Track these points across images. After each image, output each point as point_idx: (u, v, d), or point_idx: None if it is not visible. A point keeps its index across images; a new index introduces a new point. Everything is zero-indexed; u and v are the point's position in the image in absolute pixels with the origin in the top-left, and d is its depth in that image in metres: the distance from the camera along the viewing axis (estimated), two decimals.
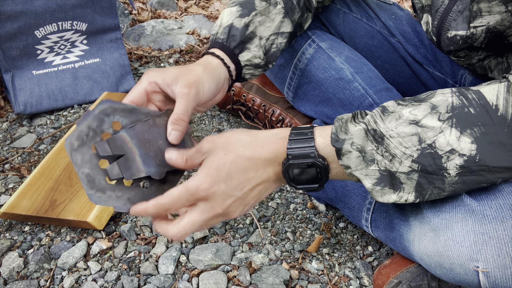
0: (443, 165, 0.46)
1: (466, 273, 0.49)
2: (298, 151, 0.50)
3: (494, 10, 0.60)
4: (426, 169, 0.47)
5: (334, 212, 0.85)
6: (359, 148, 0.48)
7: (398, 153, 0.47)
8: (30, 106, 1.06)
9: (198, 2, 1.83)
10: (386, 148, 0.47)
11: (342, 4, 0.88)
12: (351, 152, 0.48)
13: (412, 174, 0.47)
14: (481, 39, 0.64)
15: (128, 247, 0.76)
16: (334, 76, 0.79)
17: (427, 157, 0.46)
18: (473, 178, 0.47)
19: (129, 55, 1.34)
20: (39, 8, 1.02)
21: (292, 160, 0.50)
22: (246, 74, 0.70)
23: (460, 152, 0.46)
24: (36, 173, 0.84)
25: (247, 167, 0.51)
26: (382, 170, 0.48)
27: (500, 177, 0.47)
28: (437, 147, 0.46)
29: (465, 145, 0.45)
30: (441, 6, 0.68)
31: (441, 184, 0.48)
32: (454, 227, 0.50)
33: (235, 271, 0.72)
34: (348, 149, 0.48)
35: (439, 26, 0.69)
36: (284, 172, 0.51)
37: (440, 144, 0.46)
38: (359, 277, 0.74)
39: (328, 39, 0.83)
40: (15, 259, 0.73)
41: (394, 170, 0.48)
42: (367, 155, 0.48)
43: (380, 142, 0.47)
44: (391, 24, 0.87)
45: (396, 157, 0.47)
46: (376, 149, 0.48)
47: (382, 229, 0.66)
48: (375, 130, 0.48)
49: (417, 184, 0.48)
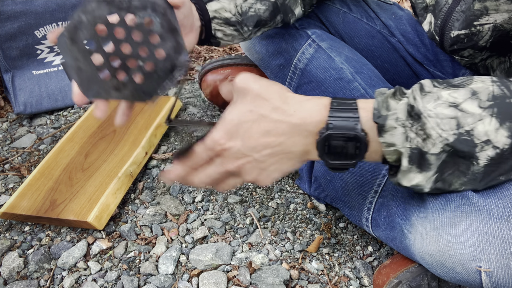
0: (476, 154, 0.45)
1: (468, 272, 0.49)
2: (340, 122, 0.46)
3: (501, 9, 0.60)
4: (457, 154, 0.45)
5: (334, 212, 0.85)
6: (404, 124, 0.45)
7: (434, 134, 0.45)
8: (30, 106, 1.06)
9: None
10: (421, 126, 0.45)
11: (342, 4, 0.88)
12: (396, 128, 0.45)
13: (442, 154, 0.46)
14: (487, 37, 0.64)
15: (128, 247, 0.76)
16: (334, 76, 0.79)
17: (462, 143, 0.45)
18: (495, 170, 0.46)
19: None
20: (39, 8, 1.02)
21: (333, 130, 0.46)
22: (217, 32, 0.66)
23: (494, 144, 0.44)
24: (36, 173, 0.84)
25: (270, 130, 0.47)
26: (413, 148, 0.46)
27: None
28: (474, 135, 0.44)
29: (501, 138, 0.44)
30: (444, 6, 0.68)
31: (465, 169, 0.46)
32: (458, 226, 0.50)
33: (235, 271, 0.72)
34: (392, 125, 0.45)
35: (442, 26, 0.69)
36: (321, 142, 0.47)
37: (478, 132, 0.44)
38: (359, 277, 0.74)
39: (328, 39, 0.83)
40: (15, 259, 0.73)
41: (425, 150, 0.45)
42: (406, 132, 0.46)
43: (416, 119, 0.45)
44: (391, 24, 0.87)
45: (431, 138, 0.45)
46: (410, 126, 0.45)
47: (383, 228, 0.66)
48: (412, 106, 0.45)
49: (442, 162, 0.46)
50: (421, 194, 0.58)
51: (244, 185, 0.89)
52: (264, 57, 0.89)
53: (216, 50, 1.43)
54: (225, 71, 1.03)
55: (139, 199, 0.85)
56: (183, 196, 0.86)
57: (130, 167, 0.85)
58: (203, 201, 0.85)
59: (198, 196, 0.86)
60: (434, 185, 0.49)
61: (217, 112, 1.11)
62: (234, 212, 0.84)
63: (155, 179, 0.89)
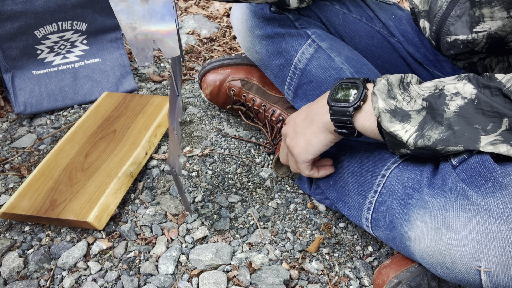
0: (446, 102, 0.54)
1: (467, 272, 0.49)
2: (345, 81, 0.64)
3: (496, 16, 0.60)
4: (432, 105, 0.54)
5: (334, 212, 0.85)
6: (389, 82, 0.58)
7: (415, 94, 0.56)
8: (30, 106, 1.06)
9: (198, 2, 1.83)
10: (408, 93, 0.57)
11: (341, 5, 0.88)
12: (381, 80, 0.58)
13: (422, 111, 0.55)
14: (482, 44, 0.64)
15: (128, 247, 0.76)
16: (334, 76, 0.79)
17: (434, 97, 0.55)
18: (466, 117, 0.53)
19: (129, 55, 1.34)
20: (39, 8, 1.02)
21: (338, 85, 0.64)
22: None
23: (462, 95, 0.53)
24: (36, 173, 0.84)
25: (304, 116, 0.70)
26: (398, 108, 0.56)
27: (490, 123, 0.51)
28: (445, 89, 0.55)
29: (468, 89, 0.53)
30: (438, 11, 0.68)
31: (440, 118, 0.54)
32: (458, 226, 0.50)
33: (235, 271, 0.72)
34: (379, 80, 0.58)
35: (437, 31, 0.69)
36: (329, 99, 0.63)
37: (448, 87, 0.55)
38: (359, 277, 0.74)
39: (328, 39, 0.83)
40: (15, 259, 0.73)
41: (408, 109, 0.56)
42: (392, 92, 0.57)
43: (406, 88, 0.57)
44: (391, 24, 0.87)
45: (413, 98, 0.56)
46: (400, 93, 0.57)
47: (383, 228, 0.66)
48: (407, 83, 0.58)
49: (423, 119, 0.55)
50: (421, 193, 0.58)
51: (244, 185, 0.89)
52: (264, 57, 0.89)
53: (216, 50, 1.44)
54: (225, 71, 1.03)
55: (139, 199, 0.85)
56: None
57: (130, 167, 0.85)
58: (203, 201, 0.85)
59: (198, 196, 0.86)
60: (415, 141, 0.56)
61: (217, 112, 1.11)
62: (234, 212, 0.84)
63: (155, 179, 0.90)
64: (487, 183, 0.50)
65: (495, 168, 0.51)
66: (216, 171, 0.93)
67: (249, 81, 1.01)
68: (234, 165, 0.94)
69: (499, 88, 0.51)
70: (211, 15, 1.71)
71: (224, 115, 1.10)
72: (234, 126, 1.07)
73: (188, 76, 1.27)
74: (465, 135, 0.52)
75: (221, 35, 1.53)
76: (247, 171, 0.93)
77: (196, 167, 0.93)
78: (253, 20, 0.87)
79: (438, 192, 0.55)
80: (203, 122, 1.07)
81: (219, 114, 1.10)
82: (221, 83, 1.03)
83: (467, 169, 0.54)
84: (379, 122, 0.58)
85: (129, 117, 0.98)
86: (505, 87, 0.51)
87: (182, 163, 0.93)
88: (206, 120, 1.08)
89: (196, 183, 0.89)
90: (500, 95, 0.51)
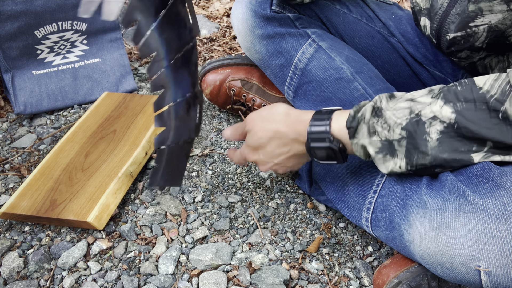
0: (426, 130, 0.53)
1: (467, 272, 0.49)
2: (316, 135, 0.60)
3: (495, 9, 0.60)
4: (412, 134, 0.53)
5: (334, 212, 0.85)
6: (369, 122, 0.56)
7: (392, 122, 0.55)
8: (30, 106, 1.06)
9: (198, 2, 1.83)
10: (384, 120, 0.55)
11: (341, 5, 0.88)
12: (363, 126, 0.56)
13: (402, 141, 0.54)
14: (482, 38, 0.64)
15: (128, 247, 0.76)
16: (334, 76, 0.79)
17: (413, 124, 0.53)
18: (451, 143, 0.52)
19: (129, 55, 1.34)
20: (39, 8, 1.02)
21: (312, 143, 0.60)
22: None
23: (441, 119, 0.52)
24: (36, 173, 0.84)
25: (280, 143, 0.65)
26: (383, 140, 0.55)
27: (474, 145, 0.52)
28: (422, 115, 0.53)
29: (446, 113, 0.51)
30: (439, 9, 0.68)
31: (424, 148, 0.53)
32: (457, 226, 0.50)
33: (235, 271, 0.72)
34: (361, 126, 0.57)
35: (438, 29, 0.69)
36: (308, 152, 0.62)
37: (425, 112, 0.53)
38: (359, 277, 0.74)
39: (328, 39, 0.83)
40: (15, 259, 0.73)
41: (391, 139, 0.55)
42: (370, 127, 0.56)
43: (380, 115, 0.55)
44: (391, 24, 0.87)
45: (391, 126, 0.55)
46: (376, 121, 0.55)
47: (382, 228, 0.66)
48: (378, 107, 0.56)
49: (406, 150, 0.55)
50: (419, 193, 0.58)
51: (244, 185, 0.89)
52: (264, 57, 0.89)
53: (216, 50, 1.43)
54: (225, 71, 1.03)
55: (139, 199, 0.85)
56: (183, 196, 0.86)
57: (130, 167, 0.85)
58: (203, 201, 0.85)
59: (198, 196, 0.86)
60: (409, 171, 0.57)
61: (217, 112, 1.11)
62: (234, 212, 0.84)
63: None
64: (485, 183, 0.50)
65: (492, 168, 0.51)
66: (216, 171, 0.93)
67: (249, 81, 1.01)
68: (234, 165, 0.94)
69: (484, 101, 0.49)
70: (211, 15, 1.71)
71: (224, 115, 1.10)
72: None
73: None
74: (456, 159, 0.53)
75: (221, 35, 1.53)
76: (247, 171, 0.93)
77: (196, 167, 0.93)
78: (253, 20, 0.87)
79: (436, 193, 0.55)
80: (203, 122, 1.07)
81: (219, 114, 1.10)
82: (221, 83, 1.03)
83: (464, 170, 0.54)
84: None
85: (129, 117, 0.98)
86: (492, 98, 0.49)
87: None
88: (206, 120, 1.08)
89: (196, 183, 0.89)
90: (485, 110, 0.49)
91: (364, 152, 0.59)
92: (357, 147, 0.58)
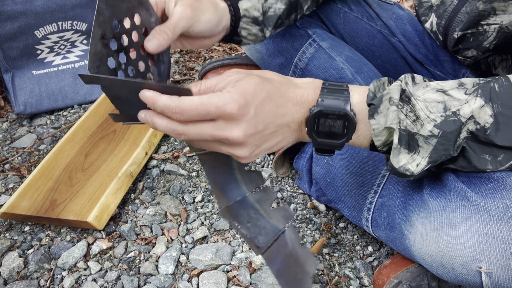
0: (461, 132, 0.48)
1: (468, 273, 0.49)
2: (331, 101, 0.48)
3: (510, 10, 0.60)
4: (447, 135, 0.47)
5: (334, 212, 0.85)
6: (396, 104, 0.46)
7: (422, 115, 0.47)
8: (30, 106, 1.06)
9: None
10: (411, 108, 0.47)
11: (342, 4, 0.88)
12: (389, 107, 0.47)
13: (431, 139, 0.47)
14: (491, 38, 0.64)
15: (128, 247, 0.76)
16: (334, 76, 0.79)
17: (449, 124, 0.47)
18: (476, 146, 0.48)
19: None
20: (39, 8, 1.02)
21: (323, 108, 0.47)
22: (242, 30, 0.67)
23: (476, 119, 0.47)
24: (36, 173, 0.84)
25: (280, 103, 0.48)
26: (402, 130, 0.47)
27: (502, 154, 0.48)
28: (460, 115, 0.47)
29: (484, 115, 0.47)
30: (449, 6, 0.68)
31: (452, 149, 0.48)
32: (458, 227, 0.50)
33: (235, 271, 0.72)
34: (386, 106, 0.47)
35: (446, 26, 0.69)
36: (311, 119, 0.48)
37: (464, 112, 0.47)
38: (359, 277, 0.74)
39: (329, 39, 0.83)
40: (15, 259, 0.73)
41: (414, 131, 0.47)
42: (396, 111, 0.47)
43: (407, 101, 0.47)
44: (392, 24, 0.87)
45: (420, 119, 0.47)
46: (401, 107, 0.47)
47: (383, 229, 0.66)
48: (404, 90, 0.47)
49: (433, 149, 0.48)
50: (421, 194, 0.58)
51: None
52: (265, 56, 0.89)
53: (216, 50, 1.43)
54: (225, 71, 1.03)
55: (139, 199, 0.85)
56: (183, 196, 0.86)
57: (130, 167, 0.85)
58: (203, 201, 0.85)
59: (198, 196, 0.86)
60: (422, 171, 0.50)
61: None
62: None
63: (155, 179, 0.89)
64: (487, 184, 0.50)
65: None
66: None
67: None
68: None
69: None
70: None
71: None
72: None
73: (188, 76, 1.27)
74: (475, 165, 0.50)
75: None
76: None
77: (196, 167, 0.93)
78: None
79: (438, 193, 0.55)
80: None
81: None
82: None
83: None
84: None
85: None
86: None
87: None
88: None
89: (196, 183, 0.89)
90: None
91: (386, 138, 0.48)
92: (380, 129, 0.48)
